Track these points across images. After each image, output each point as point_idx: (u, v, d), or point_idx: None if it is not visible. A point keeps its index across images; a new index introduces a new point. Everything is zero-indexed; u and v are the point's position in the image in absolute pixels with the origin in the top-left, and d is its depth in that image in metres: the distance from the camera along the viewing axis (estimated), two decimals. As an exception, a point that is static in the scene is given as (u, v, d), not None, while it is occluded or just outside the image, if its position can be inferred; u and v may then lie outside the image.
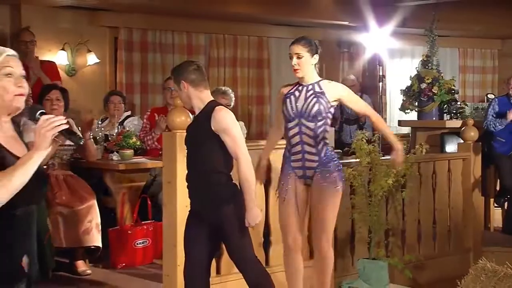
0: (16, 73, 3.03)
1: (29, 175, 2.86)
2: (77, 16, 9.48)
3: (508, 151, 9.23)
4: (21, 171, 2.85)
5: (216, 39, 10.78)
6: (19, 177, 2.84)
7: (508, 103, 9.25)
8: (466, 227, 8.41)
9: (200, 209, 5.10)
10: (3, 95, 3.01)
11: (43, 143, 2.88)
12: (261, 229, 6.52)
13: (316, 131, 5.47)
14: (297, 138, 5.52)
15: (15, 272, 3.05)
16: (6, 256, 3.00)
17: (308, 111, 5.46)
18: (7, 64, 3.02)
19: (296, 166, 5.55)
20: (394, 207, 7.51)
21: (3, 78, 3.00)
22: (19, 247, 3.05)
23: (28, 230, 3.09)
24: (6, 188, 2.81)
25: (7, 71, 3.01)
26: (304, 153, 5.51)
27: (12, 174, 2.83)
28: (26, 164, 2.86)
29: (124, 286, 6.09)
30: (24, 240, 3.07)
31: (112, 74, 9.91)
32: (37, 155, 2.89)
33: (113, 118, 7.99)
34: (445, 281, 6.82)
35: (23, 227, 3.05)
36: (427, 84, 10.09)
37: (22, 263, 3.06)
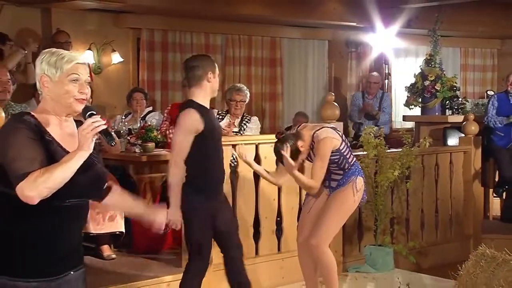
0: (81, 79, 3.10)
1: (71, 171, 2.90)
2: (102, 18, 9.50)
3: (506, 144, 9.21)
4: (62, 168, 2.89)
5: (232, 40, 10.77)
6: (60, 173, 2.88)
7: (506, 99, 9.24)
8: (466, 216, 8.41)
9: (220, 198, 5.17)
10: (66, 98, 3.07)
11: (85, 144, 2.91)
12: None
13: (337, 167, 5.56)
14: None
15: (70, 256, 3.15)
16: (58, 240, 3.08)
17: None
18: (75, 71, 3.08)
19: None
20: (399, 197, 7.52)
21: (69, 83, 3.07)
22: (67, 235, 3.12)
23: (77, 219, 3.18)
24: (46, 183, 2.85)
25: (74, 77, 3.08)
26: (331, 174, 5.59)
27: (53, 170, 2.87)
28: (68, 162, 2.90)
29: (146, 269, 6.11)
30: (68, 230, 3.13)
31: (134, 72, 9.92)
32: (79, 154, 2.92)
33: (135, 113, 8.01)
34: (447, 266, 6.78)
35: (72, 217, 3.12)
36: (430, 81, 10.07)
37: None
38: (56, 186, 2.89)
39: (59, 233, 3.08)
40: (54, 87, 3.08)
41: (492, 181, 9.66)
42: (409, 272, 7.09)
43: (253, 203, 6.40)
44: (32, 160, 2.91)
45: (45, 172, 2.87)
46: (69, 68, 3.08)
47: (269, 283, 6.27)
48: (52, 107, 3.10)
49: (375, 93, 10.46)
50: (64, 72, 3.07)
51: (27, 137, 2.95)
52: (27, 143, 2.94)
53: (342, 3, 10.73)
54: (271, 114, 11.15)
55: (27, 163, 2.89)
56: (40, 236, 3.03)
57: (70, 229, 3.13)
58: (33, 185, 2.85)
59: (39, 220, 3.01)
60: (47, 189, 2.87)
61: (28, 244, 3.03)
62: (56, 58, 3.09)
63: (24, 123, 3.00)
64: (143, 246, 6.71)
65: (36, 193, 2.86)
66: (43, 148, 2.97)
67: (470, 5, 11.29)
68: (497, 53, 13.63)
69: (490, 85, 13.26)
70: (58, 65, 3.07)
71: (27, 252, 3.03)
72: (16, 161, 2.90)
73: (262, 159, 6.39)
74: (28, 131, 2.97)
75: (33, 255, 3.03)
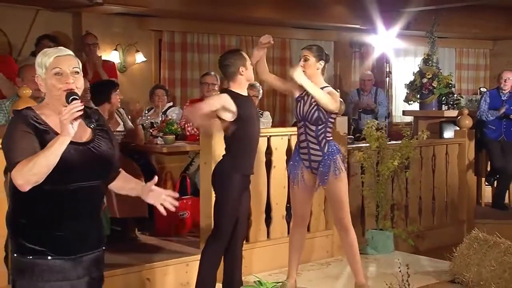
0: (64, 71, 3.04)
1: (54, 157, 2.84)
2: (127, 21, 9.53)
3: (497, 137, 9.20)
4: (45, 154, 2.84)
5: (245, 40, 10.77)
6: (43, 160, 2.83)
7: (497, 96, 9.22)
8: (461, 202, 8.40)
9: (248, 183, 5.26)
10: (54, 91, 3.03)
11: (65, 129, 2.85)
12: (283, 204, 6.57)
13: (317, 132, 5.46)
14: (303, 137, 5.55)
15: (76, 239, 3.07)
16: (70, 222, 3.04)
17: (310, 117, 5.46)
18: (56, 65, 3.03)
19: (304, 158, 5.56)
20: (399, 185, 7.52)
21: (52, 77, 3.03)
22: (80, 216, 3.07)
23: (90, 203, 3.12)
24: (32, 170, 2.82)
25: (56, 71, 3.03)
26: (310, 149, 5.52)
27: (37, 158, 2.83)
28: (50, 148, 2.85)
29: (167, 250, 6.12)
30: (85, 210, 3.09)
31: (156, 70, 9.95)
32: (60, 140, 2.85)
33: (157, 108, 8.01)
34: (443, 249, 6.80)
35: (83, 200, 3.06)
36: (428, 79, 10.08)
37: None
38: (42, 172, 2.84)
39: (71, 215, 3.03)
40: (45, 84, 3.06)
41: (484, 171, 9.64)
42: (408, 254, 7.09)
43: (265, 191, 6.41)
44: (22, 150, 2.88)
45: (30, 160, 2.84)
46: (51, 63, 3.03)
47: (279, 264, 6.28)
48: (50, 101, 3.07)
49: (370, 90, 10.45)
50: (48, 68, 3.03)
51: (20, 130, 2.93)
52: (20, 135, 2.92)
53: (346, 7, 10.72)
54: (281, 109, 11.16)
55: (18, 153, 2.88)
56: (54, 218, 3.00)
57: (83, 211, 3.07)
58: (20, 173, 2.84)
59: (52, 204, 2.98)
60: (33, 175, 2.83)
61: (44, 226, 3.00)
62: (42, 57, 3.06)
63: (20, 117, 2.99)
64: (165, 229, 6.72)
65: (23, 180, 2.84)
66: (39, 139, 2.93)
67: (464, 9, 11.29)
68: (489, 53, 13.59)
69: (483, 82, 13.22)
70: (42, 63, 3.04)
71: (43, 232, 3.00)
72: (9, 152, 2.91)
73: (273, 150, 6.40)
74: (22, 124, 2.95)
75: (49, 236, 3.00)
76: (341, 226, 5.65)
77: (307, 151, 5.52)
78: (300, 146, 5.58)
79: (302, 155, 5.56)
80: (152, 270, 5.68)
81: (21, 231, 3.02)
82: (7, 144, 2.95)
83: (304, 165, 5.56)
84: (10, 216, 3.09)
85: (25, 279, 3.00)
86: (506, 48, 13.08)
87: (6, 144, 2.95)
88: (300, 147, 5.59)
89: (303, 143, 5.54)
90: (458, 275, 6.12)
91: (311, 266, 6.56)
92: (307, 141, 5.51)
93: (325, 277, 6.26)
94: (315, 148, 5.48)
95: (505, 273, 5.75)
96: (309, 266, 6.56)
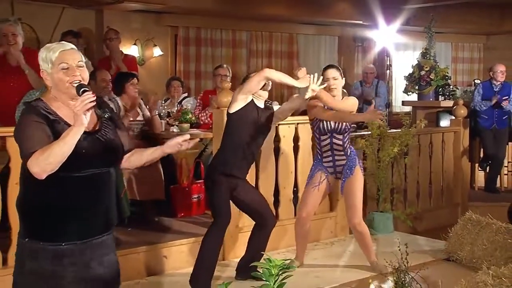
0: (71, 65, 2.98)
1: (69, 146, 2.79)
2: (145, 18, 9.52)
3: (490, 125, 9.19)
4: (59, 144, 2.78)
5: (255, 36, 10.75)
6: (58, 149, 2.78)
7: (490, 87, 9.21)
8: (455, 186, 8.39)
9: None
10: (61, 85, 2.97)
11: (78, 120, 2.80)
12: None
13: (343, 140, 5.56)
14: (328, 147, 5.59)
15: (92, 223, 3.03)
16: (80, 209, 2.98)
17: (338, 129, 5.52)
18: (62, 59, 2.97)
19: (328, 166, 5.63)
20: (398, 170, 7.51)
21: (59, 71, 2.97)
22: (93, 202, 3.02)
23: (102, 188, 3.05)
24: (47, 159, 2.77)
25: (62, 66, 2.97)
26: (334, 156, 5.60)
27: (52, 147, 2.78)
28: (64, 138, 2.79)
29: (183, 231, 6.13)
30: (96, 197, 3.03)
31: (172, 63, 9.95)
32: (74, 130, 2.80)
33: (173, 99, 8.01)
34: (439, 229, 6.79)
35: (94, 186, 3.01)
36: (426, 71, 10.06)
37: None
38: (57, 161, 2.78)
39: (82, 201, 2.96)
40: (51, 78, 2.99)
41: (477, 157, 9.62)
42: (406, 234, 7.08)
43: (273, 176, 6.41)
44: (36, 140, 2.83)
45: (45, 149, 2.78)
46: (56, 58, 2.97)
47: (287, 243, 6.29)
48: (57, 95, 3.00)
49: (372, 82, 10.43)
50: (54, 62, 2.96)
51: (32, 121, 2.88)
52: (33, 125, 2.87)
53: (350, 4, 10.69)
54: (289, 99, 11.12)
55: (32, 143, 2.82)
56: (66, 204, 2.94)
57: (92, 197, 3.00)
58: (36, 162, 2.78)
59: (63, 190, 2.91)
60: (49, 164, 2.78)
61: (56, 211, 2.93)
62: (46, 52, 2.99)
63: (32, 108, 2.94)
64: (180, 211, 6.74)
65: (39, 169, 2.79)
66: (50, 128, 2.88)
67: (460, 6, 11.27)
68: (483, 47, 13.52)
69: (477, 74, 13.16)
70: (48, 58, 2.98)
71: (54, 218, 2.93)
72: (24, 142, 2.85)
73: (281, 138, 6.40)
74: (34, 115, 2.90)
75: (61, 221, 2.94)
76: (353, 225, 5.69)
77: (332, 158, 5.60)
78: (324, 156, 5.62)
79: (326, 163, 5.63)
80: (168, 248, 5.71)
81: (32, 216, 2.96)
82: (20, 134, 2.89)
83: (329, 172, 5.64)
84: (21, 202, 3.02)
85: (35, 263, 2.93)
86: (499, 42, 13.02)
87: (19, 134, 2.89)
88: (323, 157, 5.63)
89: (328, 153, 5.60)
90: (453, 254, 6.13)
91: (316, 246, 6.57)
92: (332, 149, 5.58)
93: (329, 256, 6.26)
94: (340, 155, 5.59)
95: (496, 252, 5.76)
96: (314, 245, 6.57)
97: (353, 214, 5.62)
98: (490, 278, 4.20)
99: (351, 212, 5.64)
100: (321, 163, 5.65)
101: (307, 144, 6.66)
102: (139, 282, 5.37)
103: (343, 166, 5.58)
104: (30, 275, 2.95)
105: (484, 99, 9.15)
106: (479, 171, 9.70)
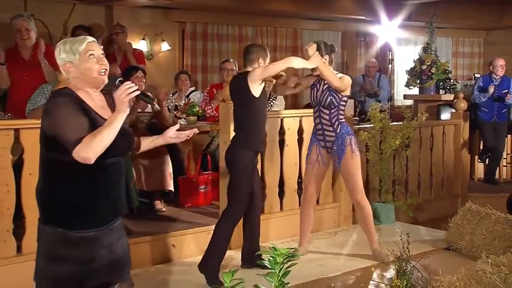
0: (97, 54, 3.03)
1: (115, 132, 2.86)
2: (154, 13, 9.52)
3: (490, 118, 9.19)
4: (108, 129, 2.85)
5: (260, 31, 10.73)
6: (107, 134, 2.84)
7: (490, 81, 9.22)
8: (456, 178, 8.38)
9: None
10: (90, 73, 3.00)
11: (123, 107, 2.87)
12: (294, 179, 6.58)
13: (330, 116, 5.56)
14: (318, 120, 5.64)
15: (111, 208, 3.08)
16: (104, 196, 3.02)
17: (323, 102, 5.53)
18: (90, 48, 3.01)
19: (320, 139, 5.66)
20: (400, 162, 7.50)
21: (88, 60, 3.00)
22: (112, 190, 3.06)
23: (118, 177, 3.09)
24: (100, 144, 2.82)
25: (90, 54, 3.00)
26: (324, 131, 5.61)
27: (103, 132, 2.84)
28: (112, 123, 2.86)
29: (190, 221, 6.15)
30: (115, 184, 3.08)
31: (180, 58, 9.94)
32: (120, 116, 2.87)
33: (181, 92, 8.02)
34: (439, 219, 6.80)
35: (113, 174, 3.05)
36: (427, 65, 10.04)
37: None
38: (106, 146, 2.84)
39: (105, 189, 3.01)
40: (77, 69, 3.00)
41: (477, 149, 9.62)
42: (407, 224, 7.09)
43: (279, 167, 6.42)
44: (81, 127, 2.86)
45: (96, 134, 2.83)
46: (84, 48, 3.00)
47: (292, 233, 6.30)
48: (81, 85, 3.02)
49: (374, 75, 10.41)
50: (81, 53, 2.99)
51: (72, 108, 2.89)
52: (74, 112, 2.88)
53: (353, 0, 10.67)
54: (293, 94, 11.10)
55: (78, 130, 2.84)
56: (90, 190, 2.96)
57: (114, 184, 3.06)
58: (88, 147, 2.80)
59: (87, 177, 2.94)
60: (101, 149, 2.83)
61: (80, 198, 2.95)
62: (70, 45, 3.01)
63: (67, 96, 2.95)
64: (188, 201, 6.76)
65: (92, 154, 2.82)
66: (86, 116, 2.92)
67: (460, 2, 11.27)
68: (483, 42, 13.48)
69: (477, 69, 13.13)
70: (74, 50, 3.00)
71: (79, 205, 2.96)
72: (68, 130, 2.84)
73: (286, 130, 6.40)
74: (72, 102, 2.92)
75: (84, 209, 2.96)
76: (356, 201, 5.74)
77: (322, 132, 5.61)
78: (316, 129, 5.68)
79: (318, 136, 5.66)
80: (176, 237, 5.72)
81: (56, 205, 2.97)
82: (63, 122, 2.86)
83: (320, 145, 5.66)
84: (43, 190, 3.02)
85: (60, 249, 2.95)
86: (498, 37, 12.97)
87: (59, 121, 2.87)
88: (316, 129, 5.68)
89: (318, 126, 5.63)
90: (453, 243, 6.13)
91: (320, 235, 6.58)
92: (321, 123, 5.60)
93: (332, 245, 6.27)
94: (329, 130, 5.58)
95: (494, 241, 5.77)
96: (318, 235, 6.58)
97: (353, 191, 5.67)
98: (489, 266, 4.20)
99: (351, 191, 5.70)
100: (315, 135, 5.69)
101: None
102: (148, 270, 5.39)
103: (332, 142, 5.57)
104: (55, 261, 2.97)
105: (482, 91, 9.16)
106: (479, 163, 9.70)
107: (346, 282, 5.28)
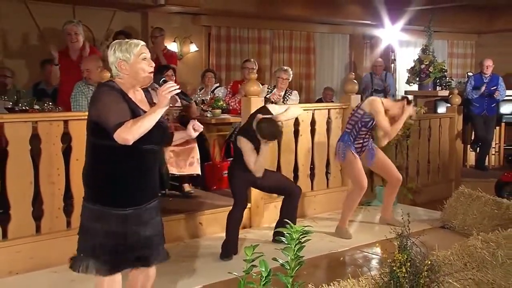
0: (148, 57, 3.07)
1: (152, 123, 2.90)
2: (183, 19, 9.52)
3: (480, 112, 9.15)
4: (148, 119, 2.89)
5: (277, 34, 10.69)
6: (147, 123, 2.88)
7: (480, 79, 9.16)
8: (450, 165, 8.33)
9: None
10: (141, 73, 3.03)
11: (163, 102, 2.91)
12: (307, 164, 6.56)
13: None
14: (363, 135, 5.74)
15: (147, 190, 3.10)
16: (141, 179, 3.04)
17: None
18: (143, 51, 3.05)
19: (357, 147, 5.74)
20: (401, 151, 7.47)
21: (141, 62, 3.03)
22: (149, 174, 3.08)
23: (153, 163, 3.12)
24: (139, 129, 2.86)
25: (143, 56, 3.04)
26: (364, 142, 5.77)
27: (143, 120, 2.88)
28: (151, 114, 2.90)
29: (215, 201, 6.17)
30: (151, 169, 3.10)
31: (206, 58, 9.94)
32: (159, 110, 2.92)
33: (207, 88, 8.03)
34: (436, 202, 6.78)
35: (150, 160, 3.08)
36: (425, 65, 10.00)
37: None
38: (143, 132, 2.88)
39: (143, 171, 3.03)
40: (130, 68, 3.02)
41: (469, 139, 9.58)
42: (408, 205, 7.07)
43: (293, 154, 6.41)
44: (123, 113, 2.90)
45: (137, 121, 2.87)
46: (138, 51, 3.03)
47: (304, 213, 6.32)
48: (130, 82, 3.04)
49: (380, 73, 10.36)
50: (135, 54, 3.01)
51: (115, 96, 2.94)
52: (116, 100, 2.92)
53: (360, 6, 10.61)
54: (306, 89, 11.10)
55: (120, 115, 2.88)
56: (129, 173, 2.99)
57: (150, 168, 3.08)
58: (129, 130, 2.84)
59: (127, 161, 2.97)
60: (138, 134, 2.87)
61: (121, 180, 2.98)
62: (126, 46, 3.03)
63: (110, 86, 2.99)
64: (213, 185, 6.77)
65: (131, 136, 2.85)
66: (127, 105, 2.95)
67: (455, 9, 11.20)
68: (475, 44, 13.35)
69: (469, 68, 13.00)
70: (129, 50, 3.02)
71: (119, 186, 2.98)
72: (112, 115, 2.87)
73: (300, 122, 6.40)
74: (115, 91, 2.96)
75: (126, 189, 2.99)
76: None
77: (362, 141, 5.76)
78: (356, 141, 5.73)
79: (356, 145, 5.74)
80: (203, 216, 5.76)
81: (97, 184, 3.00)
82: (107, 108, 2.89)
83: (357, 151, 5.76)
84: (88, 172, 3.05)
85: (104, 224, 2.98)
86: (488, 40, 12.85)
87: (104, 107, 2.90)
88: (355, 141, 5.72)
89: (360, 140, 5.74)
90: (447, 222, 6.13)
91: (329, 215, 6.58)
92: (364, 138, 5.76)
93: (340, 223, 6.26)
94: (366, 140, 5.82)
95: (484, 220, 5.79)
96: (327, 215, 6.58)
97: (395, 173, 6.09)
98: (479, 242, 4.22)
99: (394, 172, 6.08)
100: (352, 146, 5.70)
101: (322, 127, 6.66)
102: (179, 244, 5.44)
103: (366, 147, 5.80)
104: (93, 235, 3.00)
105: (475, 89, 9.10)
106: (471, 151, 9.65)
107: (353, 256, 5.30)
